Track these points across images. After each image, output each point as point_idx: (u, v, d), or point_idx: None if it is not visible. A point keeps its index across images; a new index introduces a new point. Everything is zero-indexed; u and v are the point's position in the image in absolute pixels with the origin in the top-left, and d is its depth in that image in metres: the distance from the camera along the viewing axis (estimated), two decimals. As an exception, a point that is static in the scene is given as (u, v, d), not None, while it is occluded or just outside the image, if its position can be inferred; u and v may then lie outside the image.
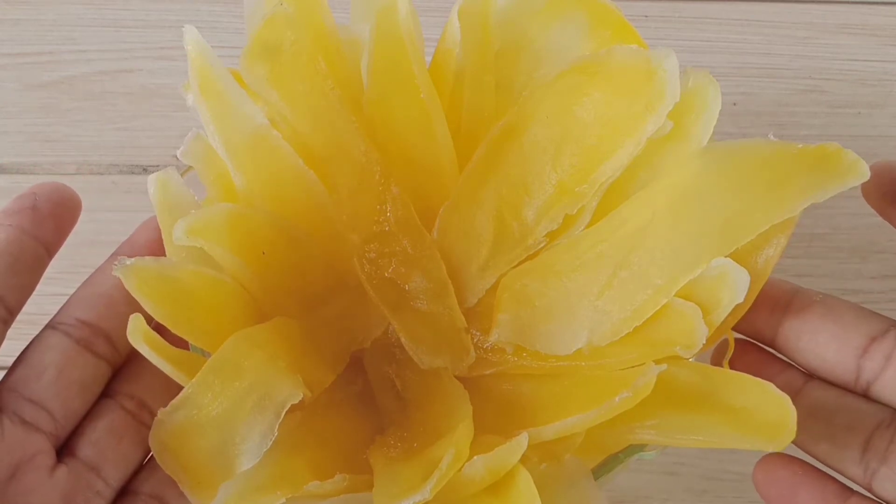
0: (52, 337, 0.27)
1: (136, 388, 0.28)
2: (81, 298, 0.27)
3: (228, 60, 0.29)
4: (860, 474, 0.26)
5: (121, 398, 0.27)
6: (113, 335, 0.27)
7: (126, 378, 0.28)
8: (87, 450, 0.26)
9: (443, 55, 0.31)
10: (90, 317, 0.27)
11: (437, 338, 0.30)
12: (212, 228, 0.27)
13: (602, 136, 0.28)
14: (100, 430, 0.27)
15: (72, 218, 0.27)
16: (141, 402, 0.27)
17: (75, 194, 0.28)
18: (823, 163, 0.26)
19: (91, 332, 0.27)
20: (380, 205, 0.31)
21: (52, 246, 0.27)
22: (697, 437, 0.25)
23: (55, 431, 0.26)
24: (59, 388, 0.26)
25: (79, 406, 0.26)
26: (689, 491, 0.39)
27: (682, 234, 0.27)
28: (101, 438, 0.26)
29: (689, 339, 0.26)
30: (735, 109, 0.44)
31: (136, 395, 0.27)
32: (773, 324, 0.27)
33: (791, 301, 0.27)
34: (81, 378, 0.26)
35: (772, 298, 0.27)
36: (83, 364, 0.26)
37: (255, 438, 0.26)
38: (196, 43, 0.28)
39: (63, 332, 0.27)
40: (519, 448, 0.25)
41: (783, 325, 0.27)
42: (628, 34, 0.29)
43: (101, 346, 0.27)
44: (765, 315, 0.27)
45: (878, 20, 0.45)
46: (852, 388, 0.27)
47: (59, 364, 0.26)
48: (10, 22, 0.45)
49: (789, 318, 0.27)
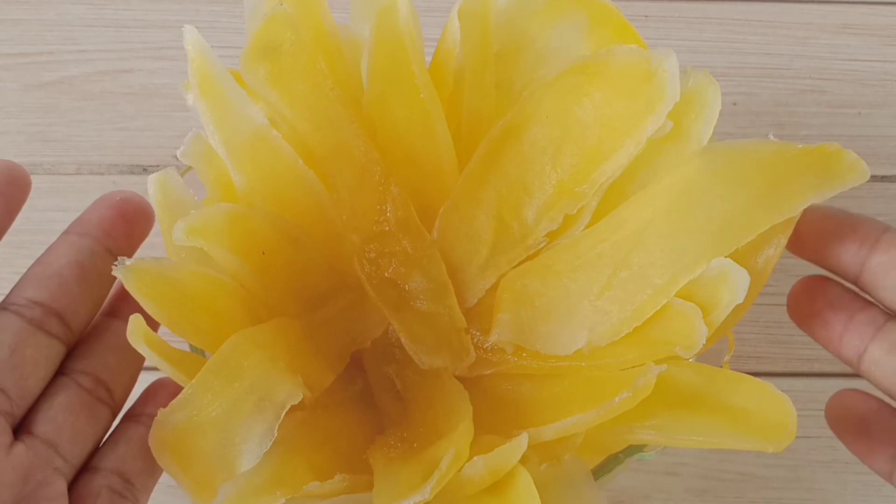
0: (4, 317, 0.26)
1: (91, 366, 0.27)
2: (32, 278, 0.27)
3: (228, 60, 0.29)
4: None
5: (76, 375, 0.27)
6: (65, 314, 0.27)
7: (81, 356, 0.28)
8: (44, 426, 0.26)
9: (443, 55, 0.31)
10: (42, 296, 0.27)
11: (437, 338, 0.30)
12: (212, 228, 0.27)
13: (602, 137, 0.28)
14: (56, 407, 0.26)
15: (21, 196, 0.27)
16: (97, 379, 0.27)
17: (25, 172, 0.27)
18: (824, 163, 0.26)
19: (43, 312, 0.27)
20: (380, 205, 0.31)
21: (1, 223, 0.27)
22: (697, 437, 0.25)
23: (10, 410, 0.26)
24: (12, 367, 0.26)
25: (33, 385, 0.26)
26: (689, 491, 0.39)
27: (682, 234, 0.27)
28: (58, 415, 0.26)
29: (689, 339, 0.26)
30: (735, 109, 0.44)
31: (92, 372, 0.27)
32: (859, 260, 0.27)
33: (880, 238, 0.26)
34: (35, 357, 0.26)
35: (861, 233, 0.27)
36: (36, 343, 0.26)
37: (255, 439, 0.26)
38: (196, 43, 0.28)
39: (14, 312, 0.26)
40: (519, 448, 0.25)
41: (870, 261, 0.26)
42: (628, 34, 0.29)
43: (54, 325, 0.27)
44: (853, 250, 0.27)
45: (878, 20, 0.45)
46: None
47: (11, 344, 0.26)
48: (10, 22, 0.45)
49: (877, 255, 0.26)
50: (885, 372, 0.26)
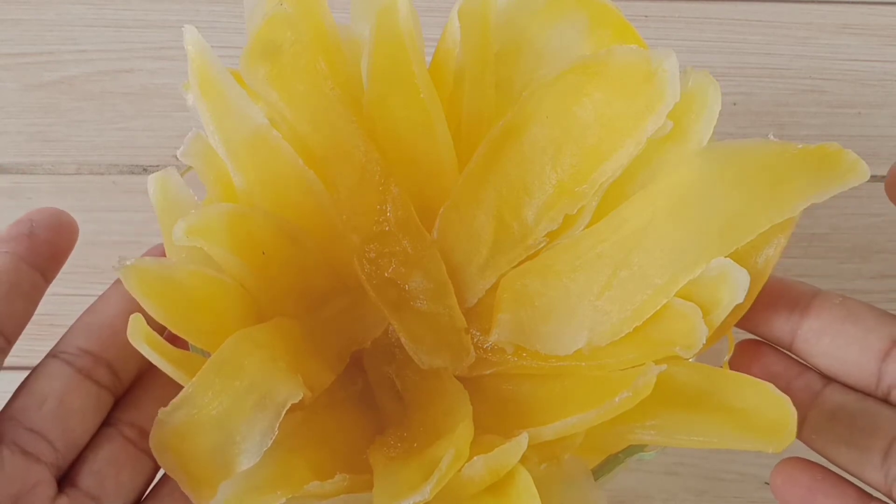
0: (54, 366, 0.26)
1: (137, 416, 0.27)
2: (83, 326, 0.27)
3: (228, 60, 0.29)
4: (880, 480, 0.26)
5: (122, 426, 0.27)
6: (115, 364, 0.27)
7: (127, 406, 0.28)
8: (88, 480, 0.26)
9: (443, 55, 0.31)
10: (92, 346, 0.27)
11: (437, 338, 0.30)
12: (212, 228, 0.27)
13: (602, 137, 0.28)
14: (101, 459, 0.26)
15: (69, 244, 0.27)
16: (142, 431, 0.27)
17: (72, 220, 0.27)
18: (824, 163, 0.26)
19: (93, 361, 0.27)
20: (380, 205, 0.31)
21: (48, 272, 0.27)
22: (697, 437, 0.25)
23: (56, 461, 0.26)
24: (59, 417, 0.26)
25: (80, 436, 0.26)
26: (689, 491, 0.39)
27: (682, 234, 0.27)
28: (102, 468, 0.26)
29: (689, 339, 0.26)
30: (735, 109, 0.44)
31: (137, 424, 0.27)
32: (792, 326, 0.27)
33: (811, 303, 0.27)
34: (82, 407, 0.26)
35: (791, 300, 0.27)
36: (84, 393, 0.26)
37: (256, 437, 0.26)
38: (196, 43, 0.28)
39: (64, 360, 0.26)
40: (519, 448, 0.25)
41: (802, 327, 0.27)
42: (628, 34, 0.29)
43: (103, 374, 0.27)
44: (784, 316, 0.27)
45: (878, 20, 0.45)
46: (873, 392, 0.26)
47: (59, 393, 0.26)
48: (10, 22, 0.45)
49: (809, 320, 0.27)
50: (827, 440, 0.26)
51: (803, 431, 0.27)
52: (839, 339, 0.26)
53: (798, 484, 0.26)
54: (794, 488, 0.26)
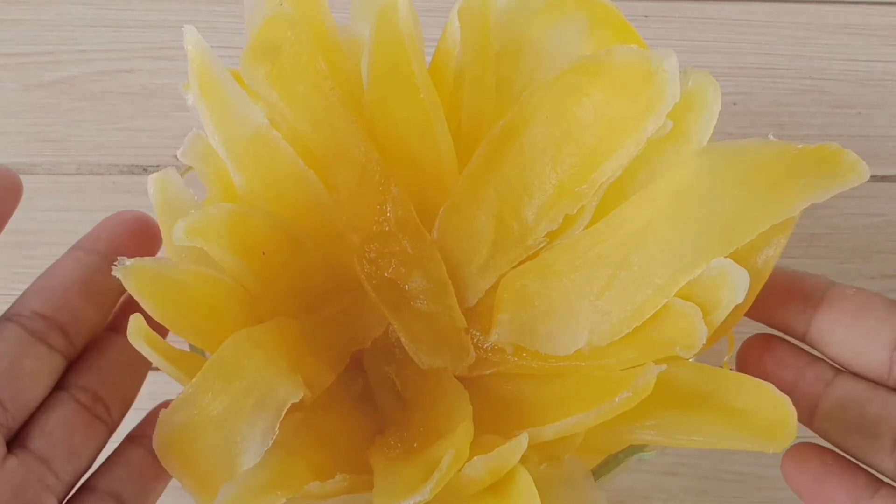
0: (7, 328, 0.26)
1: (90, 381, 0.27)
2: (38, 290, 0.27)
3: (228, 60, 0.29)
4: (890, 467, 0.26)
5: (75, 391, 0.27)
6: (68, 328, 0.27)
7: (80, 371, 0.27)
8: (39, 442, 0.26)
9: (443, 55, 0.31)
10: (45, 309, 0.27)
11: (437, 338, 0.30)
12: (212, 228, 0.27)
13: (602, 137, 0.28)
14: (52, 422, 0.26)
15: (13, 201, 0.27)
16: (95, 395, 0.27)
17: (16, 177, 0.27)
18: (824, 163, 0.26)
19: (46, 325, 0.26)
20: (380, 205, 0.31)
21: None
22: (697, 437, 0.25)
23: (6, 422, 0.25)
24: (11, 378, 0.25)
25: (31, 398, 0.26)
26: (689, 491, 0.39)
27: (682, 234, 0.27)
28: (54, 431, 0.26)
29: (689, 339, 0.26)
30: (735, 109, 0.44)
31: (91, 388, 0.27)
32: (805, 317, 0.27)
33: (825, 294, 0.27)
34: (34, 369, 0.26)
35: (806, 291, 0.27)
36: (36, 355, 0.26)
37: (257, 437, 0.26)
38: (196, 43, 0.28)
39: (17, 323, 0.26)
40: (519, 448, 0.25)
41: (816, 318, 0.27)
42: (628, 34, 0.29)
43: (56, 338, 0.27)
44: (798, 307, 0.27)
45: (878, 20, 0.45)
46: (884, 381, 0.26)
47: (12, 355, 0.26)
48: (10, 22, 0.45)
49: (823, 311, 0.27)
50: (838, 427, 0.27)
51: (814, 420, 0.27)
52: (852, 330, 0.26)
53: (809, 469, 0.26)
54: (805, 473, 0.26)
